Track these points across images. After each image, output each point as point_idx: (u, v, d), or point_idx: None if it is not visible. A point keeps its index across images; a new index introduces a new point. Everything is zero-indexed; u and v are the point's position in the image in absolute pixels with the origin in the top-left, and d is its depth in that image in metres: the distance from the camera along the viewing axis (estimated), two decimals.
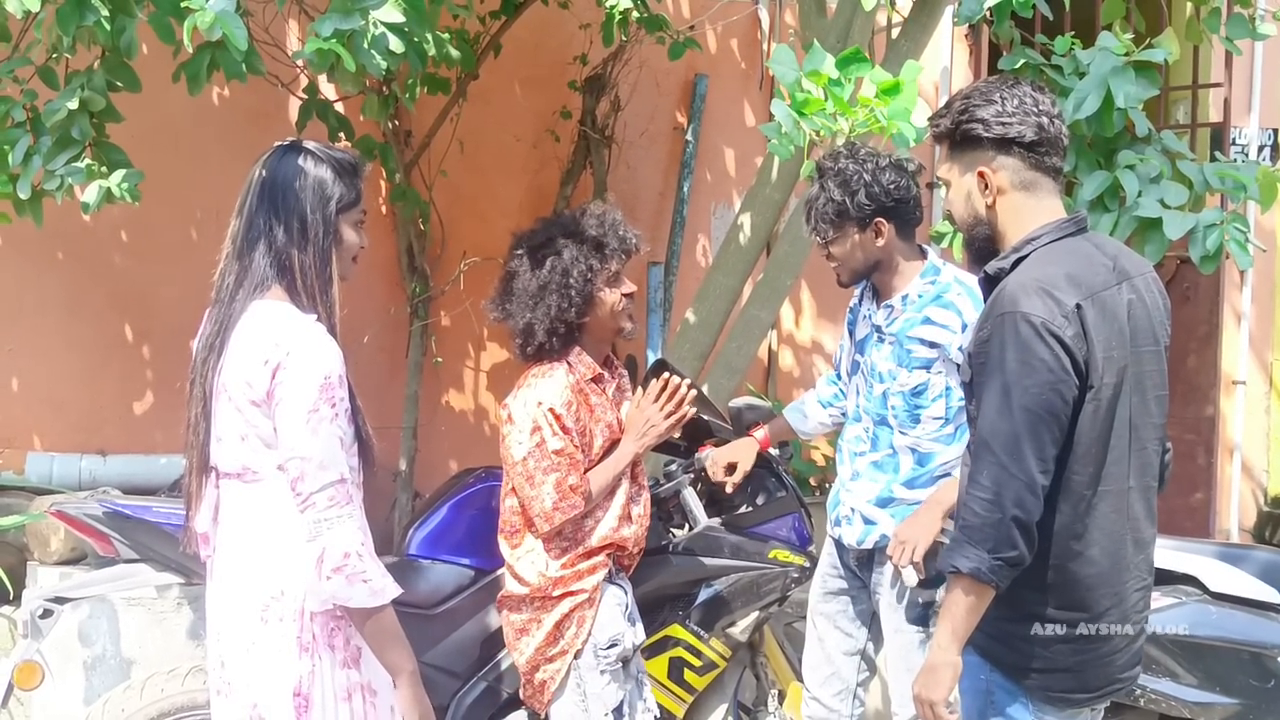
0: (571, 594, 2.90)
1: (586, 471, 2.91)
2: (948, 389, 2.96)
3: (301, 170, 2.24)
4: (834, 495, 3.19)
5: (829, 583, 3.21)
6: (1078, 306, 2.18)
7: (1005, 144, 2.28)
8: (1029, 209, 2.30)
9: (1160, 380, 2.30)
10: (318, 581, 2.11)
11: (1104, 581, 2.26)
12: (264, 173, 2.25)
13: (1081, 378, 2.18)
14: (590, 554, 2.93)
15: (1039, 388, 2.14)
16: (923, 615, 2.99)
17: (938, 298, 2.98)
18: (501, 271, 3.04)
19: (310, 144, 2.30)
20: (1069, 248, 2.28)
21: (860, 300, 3.20)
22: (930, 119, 2.43)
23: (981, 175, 2.31)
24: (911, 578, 2.93)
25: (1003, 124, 2.27)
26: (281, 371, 2.12)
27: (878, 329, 3.06)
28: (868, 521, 3.06)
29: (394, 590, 2.18)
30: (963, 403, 2.92)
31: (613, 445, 2.99)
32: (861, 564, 3.12)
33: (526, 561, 2.93)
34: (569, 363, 2.94)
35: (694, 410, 3.09)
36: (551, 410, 2.85)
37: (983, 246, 2.37)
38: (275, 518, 2.18)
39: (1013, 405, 2.14)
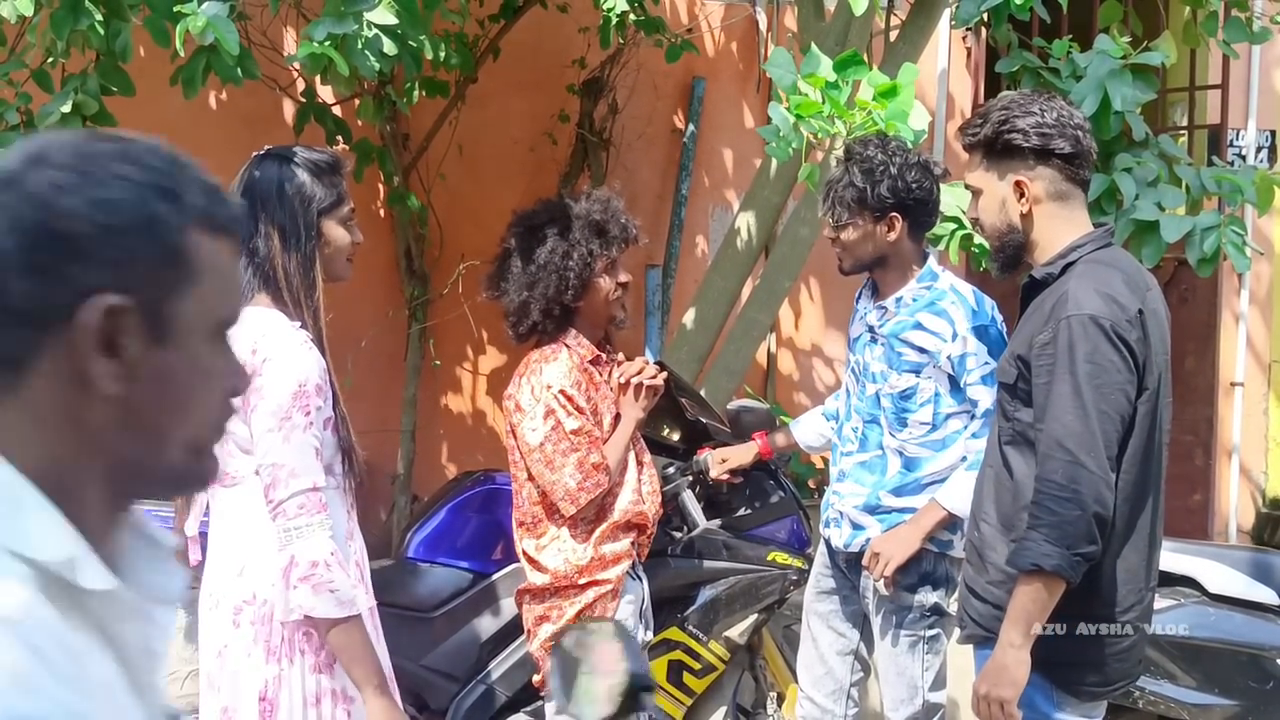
0: (597, 583, 2.87)
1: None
2: (936, 395, 2.95)
3: (280, 178, 2.23)
4: (826, 496, 3.20)
5: (821, 582, 3.21)
6: (1140, 312, 2.24)
7: (1044, 155, 2.32)
8: (1062, 219, 2.36)
9: (1169, 388, 2.36)
10: (285, 590, 2.10)
11: (1133, 580, 2.31)
12: (244, 186, 2.25)
13: (1140, 380, 2.23)
14: (615, 533, 2.89)
15: (1110, 388, 2.19)
16: (912, 619, 2.99)
17: (931, 304, 2.96)
18: (499, 249, 3.00)
19: (287, 150, 2.29)
20: (1114, 256, 2.35)
21: (859, 299, 3.19)
22: (963, 128, 2.46)
23: (1019, 184, 2.35)
24: (883, 589, 2.96)
25: (1043, 135, 2.31)
26: (256, 379, 2.11)
27: (871, 329, 3.06)
28: (856, 526, 3.06)
29: (363, 602, 2.18)
30: (951, 410, 2.95)
31: (617, 421, 2.98)
32: (850, 566, 3.12)
33: (552, 550, 2.88)
34: (568, 345, 2.93)
35: (666, 373, 3.08)
36: (562, 392, 2.84)
37: (1013, 254, 2.42)
38: (250, 521, 2.19)
39: (1086, 404, 2.18)
